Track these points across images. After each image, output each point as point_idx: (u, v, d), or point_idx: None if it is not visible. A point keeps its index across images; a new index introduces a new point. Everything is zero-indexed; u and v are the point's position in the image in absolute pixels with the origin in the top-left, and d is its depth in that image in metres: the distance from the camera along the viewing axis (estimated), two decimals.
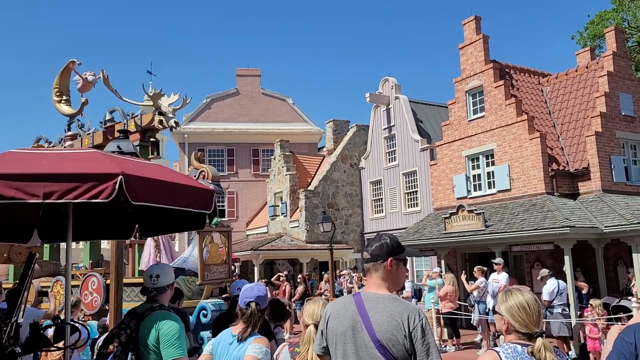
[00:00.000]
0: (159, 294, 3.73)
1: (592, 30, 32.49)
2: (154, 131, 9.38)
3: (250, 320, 3.40)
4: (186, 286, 8.00)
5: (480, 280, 13.25)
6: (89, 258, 10.54)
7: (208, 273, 7.96)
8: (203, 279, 7.88)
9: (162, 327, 3.49)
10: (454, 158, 18.51)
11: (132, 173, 3.30)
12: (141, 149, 9.28)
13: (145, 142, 9.40)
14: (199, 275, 7.90)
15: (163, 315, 3.57)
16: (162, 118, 8.70)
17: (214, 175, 8.51)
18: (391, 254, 2.72)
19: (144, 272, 9.34)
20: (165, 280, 3.77)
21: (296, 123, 32.71)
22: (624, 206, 14.06)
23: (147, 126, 9.15)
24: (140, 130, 9.25)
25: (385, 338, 2.49)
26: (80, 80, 10.40)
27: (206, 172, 8.52)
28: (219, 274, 8.17)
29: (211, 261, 8.04)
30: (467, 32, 18.54)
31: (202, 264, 7.86)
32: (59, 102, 11.12)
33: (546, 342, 2.38)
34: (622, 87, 16.66)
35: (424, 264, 20.85)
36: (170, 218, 4.41)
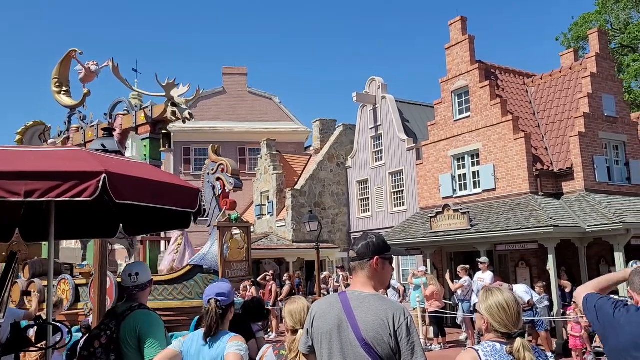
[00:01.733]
0: (139, 292, 3.70)
1: (576, 32, 32.89)
2: (165, 123, 9.07)
3: (207, 318, 3.32)
4: (204, 284, 7.68)
5: (464, 279, 13.34)
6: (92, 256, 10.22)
7: (229, 270, 7.61)
8: (224, 276, 7.49)
9: (142, 327, 3.46)
10: (440, 158, 18.62)
11: (116, 171, 3.26)
12: (152, 142, 9.01)
13: (156, 134, 9.08)
14: (219, 272, 7.54)
15: (143, 315, 3.54)
16: (175, 109, 8.37)
17: (234, 168, 8.07)
18: (377, 252, 2.72)
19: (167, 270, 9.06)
20: (145, 277, 3.73)
21: (283, 122, 32.66)
22: (606, 205, 14.25)
23: (159, 118, 8.82)
24: (151, 122, 8.91)
25: (371, 337, 2.49)
26: (83, 70, 10.06)
27: (225, 166, 8.08)
28: (240, 271, 7.79)
29: (231, 258, 7.67)
30: (453, 32, 18.64)
31: (222, 261, 7.51)
32: (59, 92, 10.70)
33: (525, 342, 2.39)
34: (604, 88, 16.87)
35: (410, 263, 20.93)
36: (155, 217, 4.37)
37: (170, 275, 8.09)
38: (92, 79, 10.21)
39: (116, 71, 8.36)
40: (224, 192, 7.99)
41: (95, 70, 10.03)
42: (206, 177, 8.35)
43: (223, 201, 7.93)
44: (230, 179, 7.85)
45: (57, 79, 10.66)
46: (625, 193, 16.16)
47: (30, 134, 10.79)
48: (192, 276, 7.77)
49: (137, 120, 9.12)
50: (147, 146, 9.05)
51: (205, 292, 3.53)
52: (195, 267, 7.83)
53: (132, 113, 9.24)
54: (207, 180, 8.28)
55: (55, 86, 10.67)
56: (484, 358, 2.39)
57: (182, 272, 7.90)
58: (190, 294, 7.65)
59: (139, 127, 9.15)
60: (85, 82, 10.19)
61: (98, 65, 10.08)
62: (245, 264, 7.87)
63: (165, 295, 7.82)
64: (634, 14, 32.50)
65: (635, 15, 32.52)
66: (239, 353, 3.21)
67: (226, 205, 7.85)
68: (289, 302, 3.70)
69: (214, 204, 8.09)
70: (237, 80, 32.36)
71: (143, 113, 8.97)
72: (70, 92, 10.76)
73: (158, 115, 8.74)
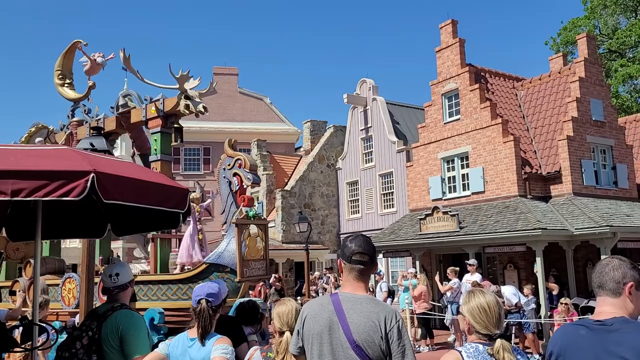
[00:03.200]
0: (120, 292, 3.68)
1: (564, 37, 33.20)
2: (177, 116, 8.81)
3: (201, 318, 3.31)
4: None
5: (454, 281, 13.40)
6: (99, 254, 9.68)
7: (247, 269, 7.25)
8: (242, 275, 7.17)
9: (124, 327, 3.44)
10: (430, 160, 18.69)
11: (104, 171, 3.23)
12: (163, 136, 8.75)
13: (168, 128, 8.82)
14: (237, 271, 7.20)
15: (125, 315, 3.52)
16: (188, 102, 8.09)
17: (252, 164, 7.66)
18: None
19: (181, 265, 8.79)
20: (126, 277, 3.72)
21: (273, 123, 32.62)
22: (593, 209, 14.38)
23: (171, 111, 8.56)
24: (163, 116, 8.65)
25: (362, 339, 2.49)
26: (88, 62, 9.79)
27: (243, 161, 7.65)
28: (257, 270, 7.42)
29: (249, 256, 7.30)
30: (444, 35, 18.73)
31: (241, 259, 7.16)
32: (62, 85, 10.39)
33: (505, 343, 2.41)
34: (592, 92, 17.04)
35: (399, 265, 20.99)
36: (144, 217, 4.34)
37: (184, 274, 7.80)
38: (97, 71, 9.91)
39: (127, 62, 8.08)
40: (241, 188, 7.66)
41: (101, 62, 9.75)
42: (222, 172, 7.96)
43: (240, 197, 7.59)
44: (248, 174, 7.50)
45: (60, 70, 10.35)
46: (612, 197, 16.33)
47: (34, 140, 10.48)
48: (207, 275, 7.40)
49: (147, 113, 8.81)
50: (157, 140, 8.76)
51: (194, 292, 3.52)
52: (211, 265, 7.46)
53: (142, 106, 8.93)
54: (224, 176, 7.91)
55: (58, 78, 10.36)
56: (467, 359, 2.41)
57: (197, 271, 7.57)
58: None
59: (149, 120, 8.86)
60: (90, 74, 9.90)
61: (104, 56, 9.80)
62: (263, 263, 7.51)
63: (180, 294, 7.52)
64: (622, 20, 32.89)
65: (623, 21, 32.91)
66: (225, 357, 3.20)
67: (244, 202, 7.52)
68: (278, 304, 3.69)
69: (231, 201, 7.76)
70: (227, 80, 32.27)
71: (154, 106, 8.66)
72: (73, 84, 10.46)
73: (170, 108, 8.46)
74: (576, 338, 2.41)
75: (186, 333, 3.41)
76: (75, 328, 3.94)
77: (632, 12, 32.57)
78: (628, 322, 2.30)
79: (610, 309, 2.37)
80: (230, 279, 7.27)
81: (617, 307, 2.37)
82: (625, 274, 2.39)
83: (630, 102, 31.92)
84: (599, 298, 2.45)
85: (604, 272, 2.43)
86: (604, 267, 2.45)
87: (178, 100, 8.23)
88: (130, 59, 8.11)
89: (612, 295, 2.38)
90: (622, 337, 2.24)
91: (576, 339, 2.40)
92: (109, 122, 9.48)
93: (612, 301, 2.38)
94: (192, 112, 8.15)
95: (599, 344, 2.29)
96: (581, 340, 2.37)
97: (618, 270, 2.40)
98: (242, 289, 7.33)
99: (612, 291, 2.38)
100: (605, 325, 2.32)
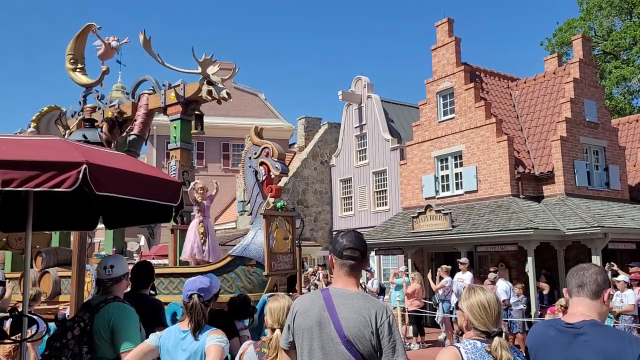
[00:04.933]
0: (114, 285, 3.68)
1: (560, 38, 33.32)
2: (198, 103, 8.50)
3: (194, 313, 3.32)
4: (246, 277, 7.02)
5: (446, 279, 13.43)
6: (112, 246, 9.31)
7: (274, 263, 6.92)
8: (270, 269, 6.85)
9: (115, 319, 3.44)
10: (424, 158, 18.72)
11: (97, 162, 3.21)
12: (183, 124, 8.45)
13: (188, 115, 8.51)
14: (265, 265, 6.88)
15: (117, 307, 3.52)
16: (211, 88, 7.78)
17: (280, 152, 7.25)
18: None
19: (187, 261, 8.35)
20: (120, 270, 3.72)
21: (268, 119, 32.54)
22: (585, 209, 14.46)
23: (192, 97, 8.24)
24: (183, 102, 8.33)
25: (352, 334, 2.49)
26: (102, 45, 9.48)
27: (270, 150, 7.26)
28: (285, 264, 7.09)
29: (277, 249, 6.98)
30: (439, 34, 18.74)
31: (269, 252, 6.83)
32: (74, 70, 10.05)
33: (502, 341, 2.42)
34: (587, 93, 17.11)
35: (391, 263, 21.03)
36: (136, 210, 4.32)
37: (208, 266, 7.44)
38: (112, 56, 9.59)
39: (147, 45, 7.73)
40: (268, 178, 7.28)
41: (115, 46, 9.45)
42: (247, 161, 7.60)
43: (267, 188, 7.21)
44: (276, 163, 7.11)
45: (71, 55, 10.01)
46: (604, 197, 16.43)
47: (46, 121, 9.98)
48: (232, 268, 7.09)
49: (167, 99, 8.50)
50: (177, 128, 8.45)
51: (185, 286, 3.51)
52: (236, 258, 7.10)
53: (160, 92, 8.62)
54: (249, 165, 7.55)
55: (69, 63, 10.03)
56: (465, 356, 2.41)
57: (221, 264, 7.22)
58: (231, 288, 6.93)
59: (168, 107, 8.55)
60: (104, 59, 9.58)
61: (119, 40, 9.51)
62: (290, 256, 7.20)
63: None
64: (617, 22, 33.04)
65: (618, 23, 33.05)
66: (220, 345, 3.21)
67: (271, 192, 7.13)
68: (272, 300, 3.68)
69: (257, 191, 7.39)
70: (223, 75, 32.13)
71: (173, 92, 8.33)
72: (85, 69, 10.14)
73: (191, 94, 8.12)
74: (546, 339, 2.47)
75: (177, 325, 3.40)
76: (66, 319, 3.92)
77: (627, 15, 32.72)
78: (596, 326, 2.36)
79: (584, 310, 2.43)
80: (256, 272, 7.01)
81: (591, 309, 2.44)
82: (605, 280, 2.48)
83: (624, 103, 32.10)
84: (576, 298, 2.49)
85: (586, 275, 2.49)
86: (586, 271, 2.51)
87: (200, 86, 7.88)
88: (150, 41, 7.72)
89: (591, 297, 2.45)
90: (589, 341, 2.30)
91: (546, 340, 2.47)
92: (124, 108, 9.17)
93: (589, 303, 2.45)
94: (214, 98, 7.84)
95: (567, 348, 2.36)
96: (550, 341, 2.45)
97: (600, 275, 2.48)
98: (269, 283, 7.06)
99: (592, 293, 2.45)
100: (575, 328, 2.38)
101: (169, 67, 7.96)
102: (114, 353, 3.43)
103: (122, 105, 9.24)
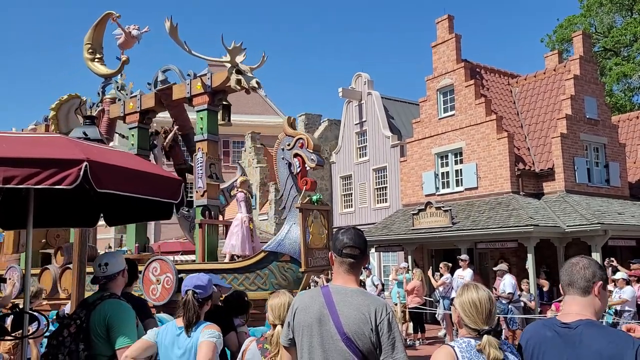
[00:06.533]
0: (109, 282, 3.69)
1: (560, 34, 33.24)
2: (226, 93, 8.26)
3: (186, 309, 3.32)
4: (281, 274, 6.82)
5: (447, 276, 13.44)
6: (135, 241, 9.08)
7: (311, 259, 6.66)
8: (307, 265, 6.60)
9: (111, 316, 3.45)
10: (424, 155, 18.71)
11: (97, 160, 3.21)
12: (209, 114, 8.20)
13: (215, 105, 8.25)
14: (302, 261, 6.62)
15: (112, 304, 3.53)
16: (240, 77, 7.48)
17: (315, 144, 6.98)
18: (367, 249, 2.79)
19: (232, 254, 8.21)
20: (115, 267, 3.72)
21: (268, 115, 32.54)
22: (585, 206, 14.46)
23: (220, 87, 7.99)
24: (210, 92, 8.08)
25: (352, 331, 2.49)
26: (122, 34, 9.27)
27: (305, 140, 6.96)
28: (321, 260, 6.83)
29: (313, 245, 6.74)
30: (440, 31, 18.71)
31: (305, 247, 6.59)
32: (92, 60, 9.80)
33: (492, 339, 2.40)
34: (587, 90, 17.09)
35: (392, 259, 21.05)
36: (136, 207, 4.32)
37: (240, 262, 7.28)
38: (132, 45, 9.37)
39: (174, 33, 7.50)
40: (302, 170, 7.06)
41: (136, 35, 9.25)
42: (280, 153, 7.31)
43: (302, 180, 6.96)
44: (312, 155, 6.85)
45: (90, 44, 9.78)
46: (604, 194, 16.43)
47: (66, 109, 9.76)
48: (266, 264, 6.85)
49: (192, 90, 8.23)
50: (204, 119, 8.22)
51: (184, 282, 3.52)
52: (270, 253, 6.91)
53: (186, 82, 8.33)
54: (282, 157, 7.26)
55: (88, 53, 9.80)
56: (460, 354, 2.41)
57: (254, 260, 7.02)
58: (265, 284, 6.74)
59: (193, 97, 8.30)
60: (124, 48, 9.37)
61: (139, 29, 9.30)
62: (326, 252, 6.85)
63: (235, 285, 6.88)
64: (617, 18, 32.97)
65: (618, 20, 32.99)
66: (212, 341, 3.21)
67: (306, 185, 6.92)
68: (273, 296, 3.69)
69: (291, 184, 7.11)
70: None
71: (200, 82, 8.07)
72: (103, 59, 9.90)
73: (219, 84, 7.85)
74: (543, 339, 2.46)
75: (174, 322, 3.42)
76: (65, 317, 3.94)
77: (628, 11, 32.66)
78: (593, 326, 2.34)
79: (578, 309, 2.41)
80: (291, 268, 6.77)
81: (584, 306, 2.40)
82: (594, 273, 2.41)
83: (624, 100, 32.06)
84: (568, 297, 2.48)
85: (574, 271, 2.45)
86: (574, 266, 2.47)
87: (228, 75, 7.60)
88: (177, 29, 7.48)
89: (581, 294, 2.42)
90: (586, 341, 2.29)
91: (543, 341, 2.45)
92: (146, 100, 8.95)
93: (581, 300, 2.41)
94: (243, 87, 7.55)
95: (564, 349, 2.34)
96: (547, 342, 2.43)
97: (588, 269, 2.43)
98: (305, 279, 6.83)
99: (582, 289, 2.41)
100: (571, 329, 2.36)
101: (197, 56, 7.71)
102: (110, 349, 3.44)
103: (143, 96, 8.97)
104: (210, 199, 8.16)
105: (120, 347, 3.38)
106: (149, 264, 7.48)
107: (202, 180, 8.13)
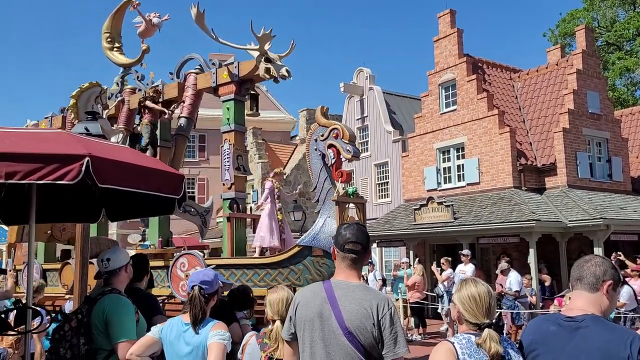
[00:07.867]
0: (111, 277, 3.70)
1: (563, 28, 33.12)
2: (253, 82, 8.01)
3: (193, 305, 3.32)
4: (315, 269, 6.61)
5: (449, 271, 13.45)
6: (158, 235, 8.80)
7: None
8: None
9: (110, 311, 3.47)
10: (426, 150, 18.69)
11: (99, 155, 3.22)
12: (237, 104, 7.98)
13: (242, 95, 8.00)
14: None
15: (112, 299, 3.55)
16: (269, 66, 7.24)
17: (351, 134, 6.67)
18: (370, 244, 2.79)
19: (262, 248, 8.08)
20: (117, 263, 3.73)
21: (269, 111, 32.49)
22: (587, 201, 14.44)
23: (248, 76, 7.73)
24: (237, 81, 7.83)
25: (354, 326, 2.50)
26: (143, 22, 8.99)
27: (340, 131, 6.66)
28: None
29: None
30: (442, 25, 18.65)
31: None
32: (111, 49, 9.56)
33: (492, 333, 2.39)
34: (590, 85, 17.04)
35: (393, 255, 21.06)
36: (138, 202, 4.33)
37: (273, 257, 7.10)
38: (152, 33, 9.09)
39: (200, 20, 7.23)
40: (337, 162, 6.80)
41: (157, 23, 8.97)
42: (313, 144, 7.04)
43: (337, 172, 6.75)
44: (347, 145, 6.54)
45: (108, 33, 9.53)
46: (606, 189, 16.41)
47: (86, 97, 9.44)
48: (300, 259, 6.66)
49: (218, 79, 8.01)
50: (230, 109, 7.99)
51: (190, 278, 3.52)
52: (304, 248, 6.67)
53: (211, 71, 8.09)
54: (315, 148, 7.01)
55: (106, 42, 9.56)
56: (460, 350, 2.40)
57: (288, 254, 6.83)
58: (298, 280, 6.55)
59: (219, 86, 8.07)
60: (144, 37, 9.10)
61: (160, 17, 9.02)
62: None
63: (268, 281, 6.73)
64: (620, 12, 32.83)
65: (621, 14, 32.85)
66: (222, 343, 3.21)
67: (341, 177, 6.70)
68: (271, 291, 3.69)
69: (324, 176, 6.88)
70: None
71: (226, 70, 7.82)
72: (122, 48, 9.66)
73: (247, 73, 7.59)
74: (546, 334, 2.44)
75: (180, 317, 3.42)
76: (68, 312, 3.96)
77: (631, 5, 32.51)
78: (597, 321, 2.32)
79: (583, 304, 2.39)
80: (326, 264, 6.58)
81: (591, 303, 2.39)
82: (606, 272, 2.40)
83: (627, 95, 31.97)
84: (575, 291, 2.47)
85: (585, 267, 2.45)
86: (586, 262, 2.46)
87: (257, 64, 7.34)
88: (204, 15, 7.23)
89: (589, 290, 2.40)
90: (590, 335, 2.28)
91: (546, 335, 2.44)
92: (169, 90, 8.75)
93: (588, 296, 2.40)
94: (272, 76, 7.32)
95: (568, 343, 2.33)
96: (551, 336, 2.42)
97: (600, 267, 2.42)
98: None
99: (590, 285, 2.40)
100: (576, 322, 2.35)
101: (224, 43, 7.47)
102: (110, 344, 3.46)
103: (165, 86, 8.79)
104: (237, 191, 7.94)
105: (118, 341, 3.40)
106: (176, 260, 7.32)
107: (230, 173, 7.88)
